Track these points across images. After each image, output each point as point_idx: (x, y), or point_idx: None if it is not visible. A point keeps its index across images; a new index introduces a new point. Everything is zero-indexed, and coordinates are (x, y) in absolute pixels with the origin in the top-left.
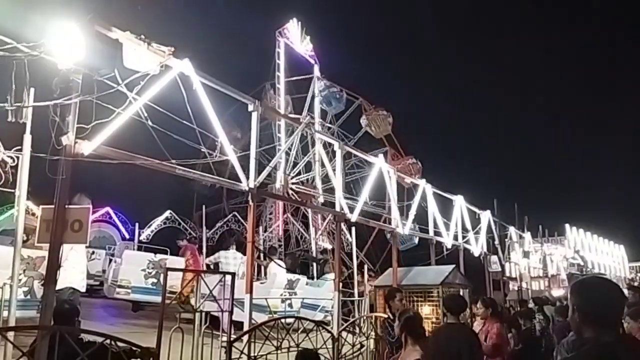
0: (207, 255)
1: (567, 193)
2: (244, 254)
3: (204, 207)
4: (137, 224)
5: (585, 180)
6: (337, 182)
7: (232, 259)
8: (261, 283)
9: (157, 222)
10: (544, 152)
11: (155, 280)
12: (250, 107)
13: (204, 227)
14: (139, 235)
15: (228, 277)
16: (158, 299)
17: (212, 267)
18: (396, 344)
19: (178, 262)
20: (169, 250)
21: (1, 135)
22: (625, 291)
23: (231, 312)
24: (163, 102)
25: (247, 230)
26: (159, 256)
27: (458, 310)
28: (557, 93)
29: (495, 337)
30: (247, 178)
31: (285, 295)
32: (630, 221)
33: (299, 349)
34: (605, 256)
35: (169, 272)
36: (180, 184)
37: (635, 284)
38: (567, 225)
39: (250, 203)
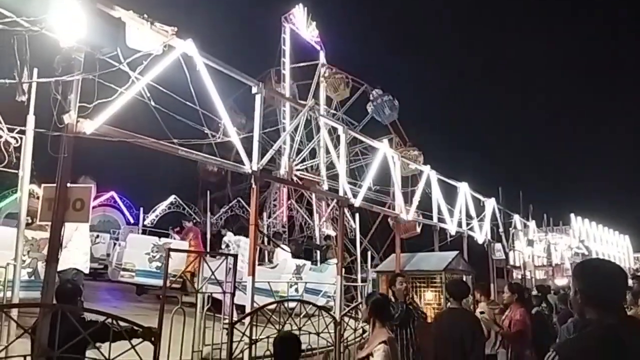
0: (212, 241)
1: (573, 182)
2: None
3: (208, 192)
4: (141, 209)
5: (591, 170)
6: (341, 166)
7: (243, 243)
8: (271, 268)
9: (161, 207)
10: (550, 141)
11: (159, 264)
12: (254, 90)
13: (209, 213)
14: (144, 219)
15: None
16: (162, 282)
17: (224, 249)
18: (396, 322)
19: (182, 245)
20: (171, 234)
21: (3, 117)
22: (630, 281)
23: (233, 294)
24: (166, 83)
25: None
26: (164, 240)
27: (461, 295)
28: (563, 84)
29: (519, 323)
30: (251, 161)
31: (293, 281)
32: (635, 211)
33: (301, 332)
34: (610, 246)
35: (173, 257)
36: (185, 170)
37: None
38: (572, 215)
39: (254, 186)
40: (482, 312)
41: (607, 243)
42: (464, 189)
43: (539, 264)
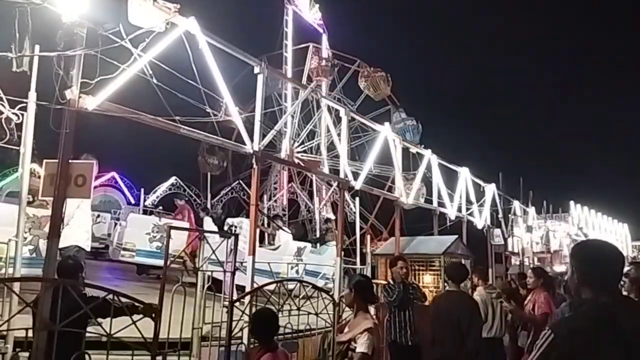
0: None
1: (574, 170)
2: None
3: (209, 174)
4: (142, 190)
5: (593, 158)
6: (342, 149)
7: (245, 225)
8: (272, 250)
9: (162, 188)
10: (551, 129)
11: (160, 244)
12: (256, 70)
13: (209, 194)
14: (144, 200)
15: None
16: (162, 262)
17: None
18: (395, 303)
19: (182, 225)
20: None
21: (4, 93)
22: (627, 267)
23: (233, 274)
24: (168, 61)
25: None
26: (164, 220)
27: (459, 278)
28: (568, 68)
29: (545, 306)
30: (252, 141)
31: (294, 263)
32: (634, 200)
33: (300, 311)
34: (609, 234)
35: (174, 237)
36: (187, 151)
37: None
38: (571, 202)
39: (255, 166)
40: (499, 297)
41: (606, 231)
42: (464, 174)
43: (537, 251)
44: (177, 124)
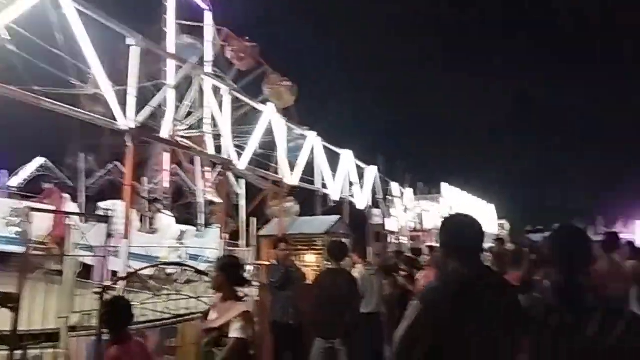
0: (87, 206)
1: (447, 154)
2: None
3: (83, 155)
4: (6, 172)
5: (464, 142)
6: (225, 128)
7: (119, 207)
8: (152, 234)
9: (29, 170)
10: (428, 114)
11: (20, 230)
12: (130, 41)
13: (83, 176)
14: (7, 182)
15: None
16: (23, 249)
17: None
18: (276, 284)
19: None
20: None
21: None
22: (491, 243)
23: (105, 258)
24: (31, 28)
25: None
26: (26, 203)
27: (340, 256)
28: (443, 56)
29: None
30: (126, 117)
31: (175, 247)
32: (500, 182)
33: (181, 296)
34: (478, 214)
35: (37, 222)
36: (59, 131)
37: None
38: (443, 184)
39: (129, 144)
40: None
41: (475, 211)
42: (347, 157)
43: (413, 229)
44: (37, 95)
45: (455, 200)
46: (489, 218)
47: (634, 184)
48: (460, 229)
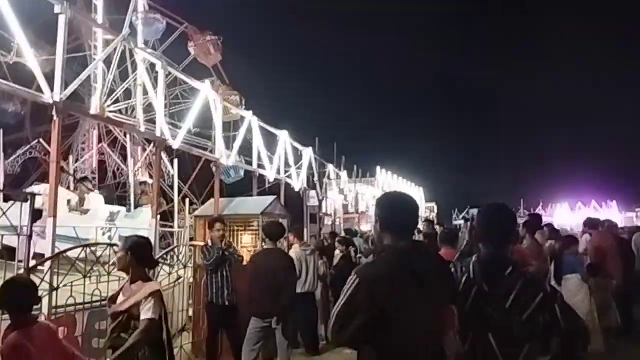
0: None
1: (381, 138)
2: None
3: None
4: None
5: (397, 128)
6: (159, 104)
7: (43, 189)
8: (80, 214)
9: None
10: (365, 99)
11: None
12: (57, 9)
13: (2, 155)
14: None
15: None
16: None
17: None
18: (211, 267)
19: None
20: None
21: None
22: (421, 225)
23: (30, 237)
24: None
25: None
26: None
27: (276, 236)
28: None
29: None
30: (52, 90)
31: (106, 228)
32: (428, 166)
33: (110, 277)
34: None
35: None
36: None
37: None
38: (377, 167)
39: (55, 118)
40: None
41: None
42: (283, 137)
43: (347, 211)
44: None
45: (387, 183)
46: (418, 200)
47: (553, 170)
48: (396, 205)
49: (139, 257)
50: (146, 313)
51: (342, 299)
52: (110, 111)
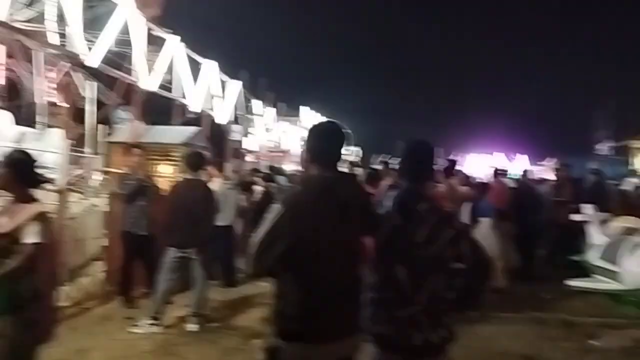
0: None
1: (309, 77)
2: None
3: None
4: None
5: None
6: (74, 15)
7: None
8: None
9: None
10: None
11: None
12: None
13: None
14: None
15: None
16: None
17: None
18: (127, 195)
19: None
20: None
21: None
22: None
23: None
24: None
25: None
26: None
27: (197, 167)
28: None
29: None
30: None
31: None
32: (353, 104)
33: None
34: None
35: None
36: None
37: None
38: (303, 107)
39: None
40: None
41: None
42: (210, 67)
43: (272, 149)
44: None
45: (312, 122)
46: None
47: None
48: (324, 135)
49: (19, 174)
50: (31, 236)
51: (264, 227)
52: (18, 18)
